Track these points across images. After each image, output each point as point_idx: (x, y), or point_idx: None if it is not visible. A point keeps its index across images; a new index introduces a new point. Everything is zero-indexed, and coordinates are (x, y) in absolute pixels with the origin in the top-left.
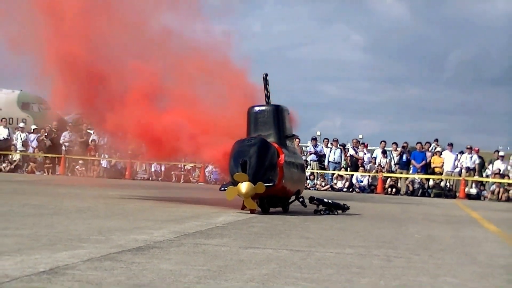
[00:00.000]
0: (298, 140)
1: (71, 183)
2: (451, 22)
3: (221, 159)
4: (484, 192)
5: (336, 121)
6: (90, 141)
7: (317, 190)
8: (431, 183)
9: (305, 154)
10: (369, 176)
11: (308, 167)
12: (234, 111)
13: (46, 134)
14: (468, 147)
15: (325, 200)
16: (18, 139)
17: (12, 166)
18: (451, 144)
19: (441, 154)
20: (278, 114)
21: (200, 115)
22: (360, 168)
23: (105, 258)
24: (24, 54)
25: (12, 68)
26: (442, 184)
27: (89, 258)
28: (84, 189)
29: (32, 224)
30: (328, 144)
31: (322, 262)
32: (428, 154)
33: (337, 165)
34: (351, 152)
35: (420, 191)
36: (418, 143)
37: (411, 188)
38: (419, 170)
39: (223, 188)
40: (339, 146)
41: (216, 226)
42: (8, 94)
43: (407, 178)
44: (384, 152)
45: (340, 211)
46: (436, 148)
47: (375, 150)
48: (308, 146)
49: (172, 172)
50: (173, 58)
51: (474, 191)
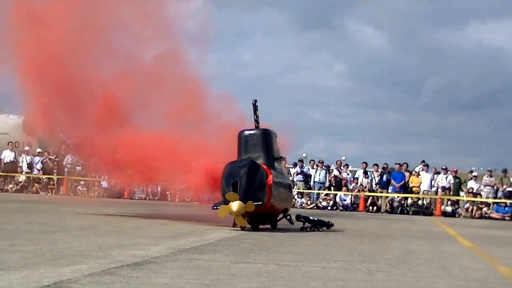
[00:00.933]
0: (285, 161)
1: (73, 203)
2: (426, 52)
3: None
4: (458, 210)
5: (320, 143)
6: (91, 162)
7: (303, 208)
8: (409, 201)
9: (291, 175)
10: (351, 195)
11: (295, 186)
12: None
13: (55, 156)
14: (444, 168)
15: (310, 217)
16: (23, 161)
17: (18, 187)
18: (427, 165)
19: (418, 174)
20: (267, 137)
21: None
22: (344, 187)
23: (105, 272)
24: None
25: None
26: (420, 202)
27: (90, 273)
28: (85, 208)
29: (37, 240)
30: (314, 165)
31: (308, 275)
32: (407, 174)
33: (322, 185)
34: (335, 172)
35: (399, 209)
36: (396, 164)
37: (390, 206)
38: (398, 189)
39: (215, 207)
40: (324, 167)
41: (209, 242)
42: (14, 119)
43: (387, 197)
44: (366, 172)
45: (325, 228)
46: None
47: (357, 170)
48: (293, 168)
49: (167, 192)
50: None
51: (449, 209)
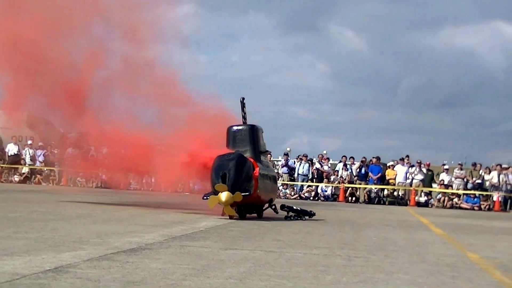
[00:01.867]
0: (270, 155)
1: (73, 193)
2: (403, 54)
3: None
4: (431, 201)
5: (303, 138)
6: (89, 155)
7: (287, 198)
8: (386, 192)
9: (276, 168)
10: (332, 186)
11: (280, 178)
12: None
13: (56, 149)
14: (418, 161)
15: (294, 207)
16: (26, 154)
17: (22, 178)
18: (402, 159)
19: (393, 167)
20: (254, 132)
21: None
22: (325, 179)
23: (103, 258)
24: None
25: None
26: (395, 193)
27: (89, 258)
28: (84, 198)
29: (39, 228)
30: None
31: (292, 261)
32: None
33: (305, 177)
34: (317, 165)
35: (376, 199)
36: (374, 157)
37: (367, 197)
38: (375, 181)
39: (205, 197)
40: (306, 160)
41: (199, 230)
42: (18, 115)
43: (365, 188)
44: (345, 165)
45: (307, 217)
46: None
47: (337, 164)
48: (280, 161)
49: (161, 183)
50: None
51: (422, 199)
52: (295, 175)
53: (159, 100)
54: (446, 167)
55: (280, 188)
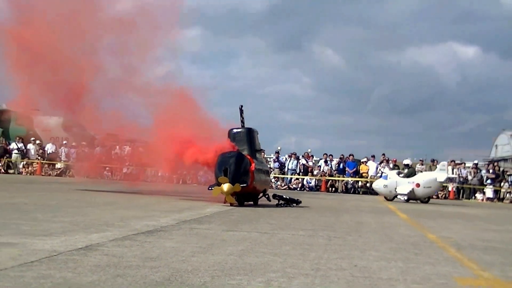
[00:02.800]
0: (264, 153)
1: (100, 184)
2: (373, 69)
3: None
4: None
5: (291, 139)
6: (113, 153)
7: (278, 189)
8: (360, 184)
9: (269, 163)
10: (315, 179)
11: (272, 172)
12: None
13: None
14: (386, 158)
15: (284, 196)
16: (62, 152)
17: (58, 172)
18: (373, 156)
19: (366, 163)
20: (250, 134)
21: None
22: (309, 173)
23: (125, 238)
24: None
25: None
26: (368, 184)
27: (114, 238)
28: (109, 188)
29: (73, 213)
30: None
31: (282, 241)
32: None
33: (293, 171)
34: (303, 161)
35: (352, 189)
36: (350, 155)
37: (345, 187)
38: (351, 175)
39: (210, 188)
40: (294, 157)
41: (205, 215)
42: (55, 119)
43: (343, 180)
44: (326, 161)
45: (294, 204)
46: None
47: (320, 160)
48: (272, 157)
49: (173, 176)
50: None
51: None
52: (285, 169)
53: (170, 107)
54: (410, 163)
55: (272, 180)
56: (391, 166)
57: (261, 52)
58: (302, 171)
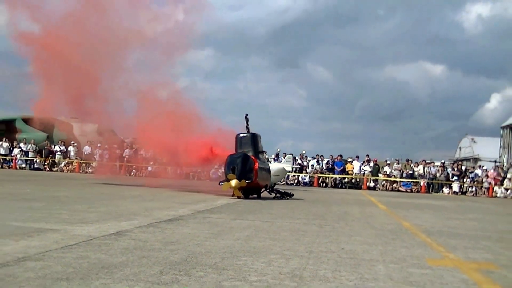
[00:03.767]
0: (265, 154)
1: (129, 181)
2: (358, 83)
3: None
4: (378, 186)
5: (288, 142)
6: (139, 154)
7: (277, 184)
8: (346, 180)
9: (270, 163)
10: (309, 175)
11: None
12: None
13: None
14: (368, 159)
15: (280, 190)
16: (97, 153)
17: (93, 170)
18: (357, 157)
19: (352, 162)
20: (254, 138)
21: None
22: (304, 171)
23: (149, 225)
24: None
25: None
26: (353, 180)
27: (139, 226)
28: (136, 183)
29: (105, 204)
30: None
31: (281, 228)
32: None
33: (292, 170)
34: (299, 161)
35: (340, 185)
36: (338, 155)
37: (333, 183)
38: (339, 172)
39: (220, 183)
40: (292, 158)
41: (216, 206)
42: (90, 126)
43: (332, 177)
44: (318, 161)
45: (288, 197)
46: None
47: (312, 160)
48: (272, 158)
49: (190, 173)
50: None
51: (372, 185)
52: None
53: (186, 117)
54: (388, 162)
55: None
56: (372, 165)
57: (263, 69)
58: (298, 169)
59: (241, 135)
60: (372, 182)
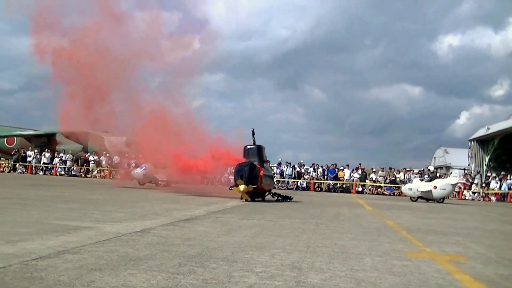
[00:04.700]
0: (269, 162)
1: (151, 185)
2: (348, 102)
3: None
4: (365, 190)
5: (289, 153)
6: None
7: (279, 189)
8: (338, 185)
9: (273, 170)
10: (306, 181)
11: (275, 176)
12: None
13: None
14: (357, 167)
15: (281, 194)
16: (124, 162)
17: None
18: (348, 165)
19: (343, 170)
20: (259, 149)
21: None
22: (302, 177)
23: (170, 224)
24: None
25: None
26: (344, 186)
27: (161, 224)
28: (158, 189)
29: (132, 206)
30: (286, 165)
31: (283, 226)
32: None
33: (290, 176)
34: (297, 169)
35: (333, 189)
36: (332, 164)
37: (327, 188)
38: (332, 179)
39: (230, 188)
40: (291, 166)
41: (227, 208)
42: (119, 139)
43: (326, 183)
44: (314, 169)
45: (288, 200)
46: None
47: (309, 168)
48: (275, 166)
49: (204, 179)
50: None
51: (360, 189)
52: (284, 175)
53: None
54: (374, 169)
55: (275, 182)
56: (360, 172)
57: (267, 90)
58: (297, 176)
59: (248, 146)
60: (360, 187)
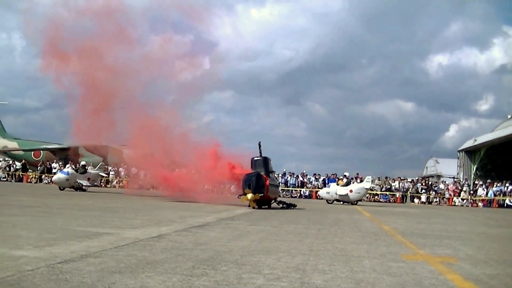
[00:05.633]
0: (274, 173)
1: (166, 195)
2: (347, 117)
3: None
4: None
5: (292, 164)
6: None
7: (284, 197)
8: None
9: (278, 179)
10: (309, 190)
11: (280, 185)
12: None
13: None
14: (355, 176)
15: (286, 202)
16: (141, 173)
17: (137, 187)
18: (345, 175)
19: (343, 179)
20: (266, 161)
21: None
22: (305, 186)
23: (183, 230)
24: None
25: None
26: None
27: (176, 230)
28: (172, 198)
29: (148, 213)
30: (290, 175)
31: (287, 231)
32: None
33: (293, 185)
34: (300, 178)
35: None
36: (332, 174)
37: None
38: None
39: (239, 197)
40: (294, 176)
41: (236, 215)
42: (136, 152)
43: None
44: (316, 178)
45: (292, 207)
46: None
47: (311, 177)
48: (280, 176)
49: (215, 188)
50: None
51: None
52: (288, 184)
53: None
54: (371, 179)
55: (280, 191)
56: (359, 181)
57: (272, 106)
58: (300, 185)
59: (255, 158)
60: None
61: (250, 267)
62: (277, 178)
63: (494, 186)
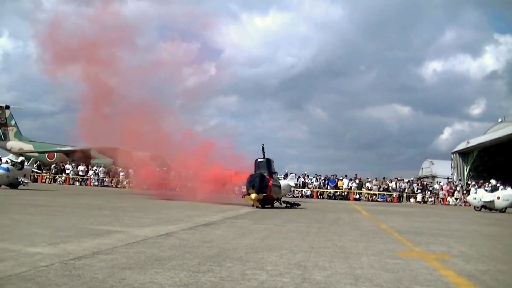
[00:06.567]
0: (277, 174)
1: (173, 196)
2: (346, 120)
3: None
4: (361, 197)
5: (294, 165)
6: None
7: (286, 197)
8: (338, 193)
9: (280, 180)
10: (310, 190)
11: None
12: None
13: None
14: (354, 177)
15: (289, 201)
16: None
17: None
18: (346, 176)
19: (342, 180)
20: (269, 162)
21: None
22: (306, 186)
23: (190, 228)
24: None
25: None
26: (343, 194)
27: (183, 229)
28: (179, 198)
29: (157, 213)
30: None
31: (290, 230)
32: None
33: (296, 185)
34: (302, 179)
35: (333, 197)
36: (332, 175)
37: (328, 196)
38: (332, 188)
39: (243, 197)
40: (296, 176)
41: (240, 214)
42: (145, 154)
43: (327, 191)
44: (316, 179)
45: (296, 206)
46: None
47: (312, 178)
48: (282, 177)
49: (220, 189)
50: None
51: (357, 197)
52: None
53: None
54: (369, 179)
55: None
56: (357, 182)
57: (275, 111)
58: (301, 185)
59: (258, 160)
60: (357, 194)
61: (254, 263)
62: (279, 178)
63: (486, 186)
